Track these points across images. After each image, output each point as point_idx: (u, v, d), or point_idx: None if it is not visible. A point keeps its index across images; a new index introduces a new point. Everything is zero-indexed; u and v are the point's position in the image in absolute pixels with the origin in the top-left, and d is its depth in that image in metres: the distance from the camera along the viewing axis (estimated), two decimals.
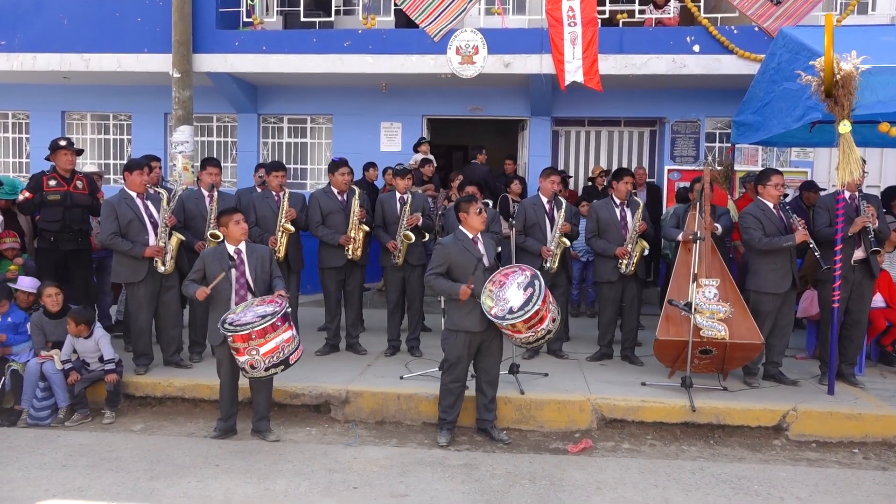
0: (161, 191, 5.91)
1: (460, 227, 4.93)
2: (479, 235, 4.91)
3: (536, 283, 4.61)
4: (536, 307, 4.50)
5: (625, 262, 6.18)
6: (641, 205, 6.33)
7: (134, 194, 5.72)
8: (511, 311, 4.54)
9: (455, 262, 4.78)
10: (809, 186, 7.85)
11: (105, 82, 10.08)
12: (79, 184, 6.17)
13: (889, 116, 5.17)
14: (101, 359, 5.39)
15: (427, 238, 6.70)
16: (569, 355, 6.52)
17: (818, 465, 4.67)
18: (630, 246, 6.18)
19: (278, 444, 4.79)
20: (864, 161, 5.70)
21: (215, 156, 10.45)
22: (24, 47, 9.23)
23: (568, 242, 6.26)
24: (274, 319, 4.40)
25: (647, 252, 6.24)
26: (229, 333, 4.39)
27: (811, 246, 5.57)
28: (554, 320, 4.71)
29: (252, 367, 4.45)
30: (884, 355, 6.62)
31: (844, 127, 5.00)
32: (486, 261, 4.85)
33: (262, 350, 4.38)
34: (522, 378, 5.51)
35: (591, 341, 6.71)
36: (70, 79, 9.89)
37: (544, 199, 6.41)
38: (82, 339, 5.37)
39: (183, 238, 5.86)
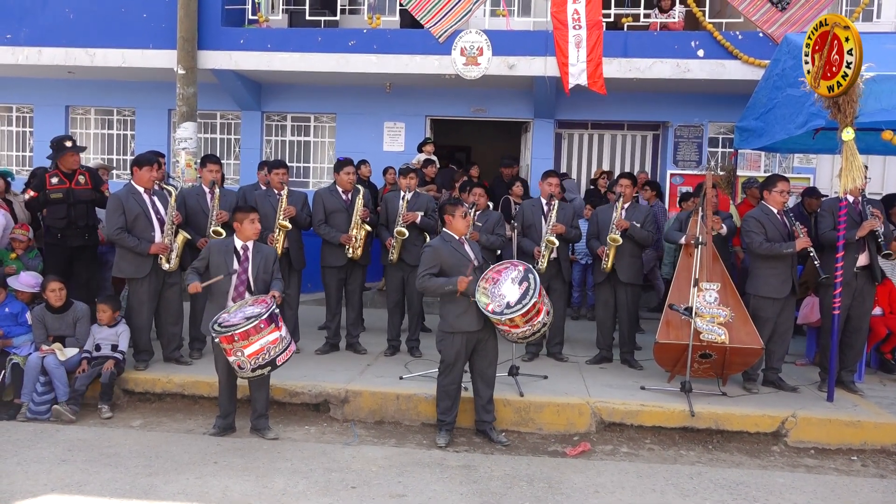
0: (168, 188, 5.92)
1: (444, 228, 5.00)
2: (463, 238, 4.96)
3: (531, 276, 4.65)
4: (534, 300, 4.53)
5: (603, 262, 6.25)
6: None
7: (141, 189, 5.73)
8: (509, 306, 4.56)
9: (446, 262, 4.82)
10: (811, 193, 7.86)
11: (109, 77, 10.10)
12: (81, 179, 6.16)
13: (892, 124, 5.17)
14: (113, 347, 5.48)
15: (429, 239, 6.69)
16: (568, 358, 6.52)
17: (816, 472, 4.66)
18: (607, 247, 6.20)
19: (277, 443, 4.79)
20: (867, 168, 5.69)
21: (219, 153, 10.48)
22: (30, 41, 9.25)
23: (556, 243, 6.23)
24: (258, 321, 4.40)
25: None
26: (215, 335, 4.43)
27: (811, 254, 5.57)
28: (548, 313, 4.77)
29: (239, 367, 4.49)
30: (883, 363, 6.62)
31: (848, 134, 5.01)
32: (474, 260, 4.89)
33: (247, 352, 4.40)
34: (522, 380, 5.51)
35: (591, 344, 6.71)
36: (74, 73, 9.91)
37: (543, 201, 6.46)
38: (106, 327, 5.45)
39: (189, 237, 5.87)
